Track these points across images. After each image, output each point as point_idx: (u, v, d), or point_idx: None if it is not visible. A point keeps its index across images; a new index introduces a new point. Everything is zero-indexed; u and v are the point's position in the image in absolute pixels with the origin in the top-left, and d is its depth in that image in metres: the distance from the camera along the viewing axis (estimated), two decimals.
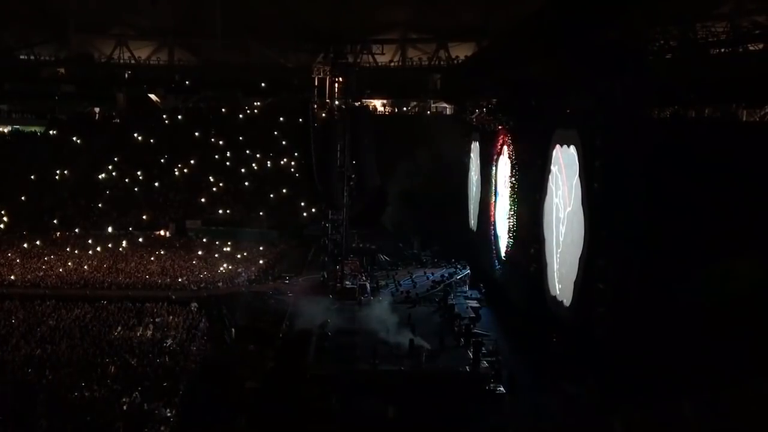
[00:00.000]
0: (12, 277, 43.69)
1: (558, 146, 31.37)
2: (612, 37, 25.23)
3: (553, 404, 25.39)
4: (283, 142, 71.65)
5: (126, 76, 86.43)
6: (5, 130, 75.92)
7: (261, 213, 62.59)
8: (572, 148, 29.35)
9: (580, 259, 28.06)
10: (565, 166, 30.41)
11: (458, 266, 45.52)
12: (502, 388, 26.96)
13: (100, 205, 63.54)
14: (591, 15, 26.73)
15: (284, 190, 65.15)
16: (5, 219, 60.60)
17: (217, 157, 70.48)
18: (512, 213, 39.29)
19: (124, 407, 25.02)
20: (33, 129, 75.56)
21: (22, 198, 63.30)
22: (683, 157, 23.47)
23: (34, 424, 23.53)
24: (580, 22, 27.17)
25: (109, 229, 59.26)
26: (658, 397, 21.91)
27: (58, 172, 66.95)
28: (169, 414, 24.85)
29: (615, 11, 25.48)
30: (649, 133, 24.92)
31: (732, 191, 21.92)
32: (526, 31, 34.93)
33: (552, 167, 32.22)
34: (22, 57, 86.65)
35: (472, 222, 52.45)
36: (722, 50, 24.01)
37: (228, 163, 69.73)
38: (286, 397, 26.81)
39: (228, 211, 63.04)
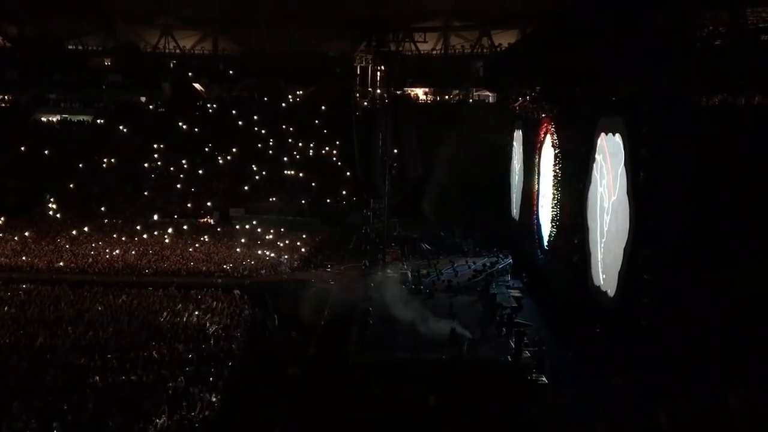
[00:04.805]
0: (61, 263, 44.56)
1: (603, 134, 30.96)
2: (659, 23, 24.73)
3: (596, 395, 25.16)
4: (325, 131, 71.92)
5: (171, 65, 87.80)
6: (54, 119, 77.51)
7: (303, 201, 62.95)
8: (617, 136, 28.96)
9: (624, 249, 27.73)
10: (610, 154, 30.02)
11: (500, 255, 45.21)
12: (544, 379, 26.76)
13: (146, 192, 64.56)
14: None
15: (326, 179, 65.42)
16: (54, 206, 61.94)
17: (259, 145, 71.13)
18: (555, 202, 38.91)
19: (170, 391, 25.46)
20: (81, 117, 77.06)
21: (71, 185, 64.63)
22: (731, 145, 22.99)
23: (82, 407, 24.06)
24: (626, 7, 26.70)
25: (155, 217, 60.10)
26: (703, 388, 21.55)
27: (105, 159, 68.17)
28: (213, 399, 25.23)
29: None
30: (696, 122, 24.47)
31: None
32: (571, 17, 34.44)
33: (597, 156, 31.82)
34: (70, 47, 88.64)
35: (515, 211, 52.12)
36: None
37: (270, 152, 70.26)
38: (327, 384, 27.04)
39: (271, 199, 63.52)
